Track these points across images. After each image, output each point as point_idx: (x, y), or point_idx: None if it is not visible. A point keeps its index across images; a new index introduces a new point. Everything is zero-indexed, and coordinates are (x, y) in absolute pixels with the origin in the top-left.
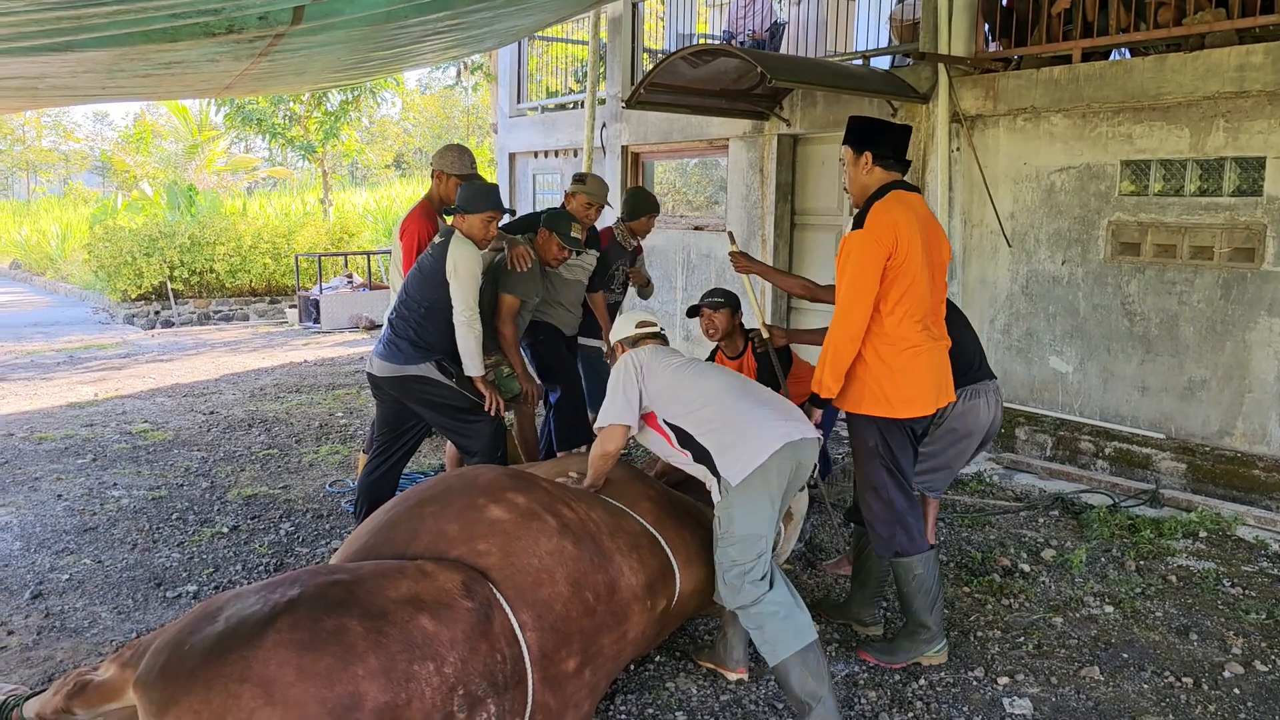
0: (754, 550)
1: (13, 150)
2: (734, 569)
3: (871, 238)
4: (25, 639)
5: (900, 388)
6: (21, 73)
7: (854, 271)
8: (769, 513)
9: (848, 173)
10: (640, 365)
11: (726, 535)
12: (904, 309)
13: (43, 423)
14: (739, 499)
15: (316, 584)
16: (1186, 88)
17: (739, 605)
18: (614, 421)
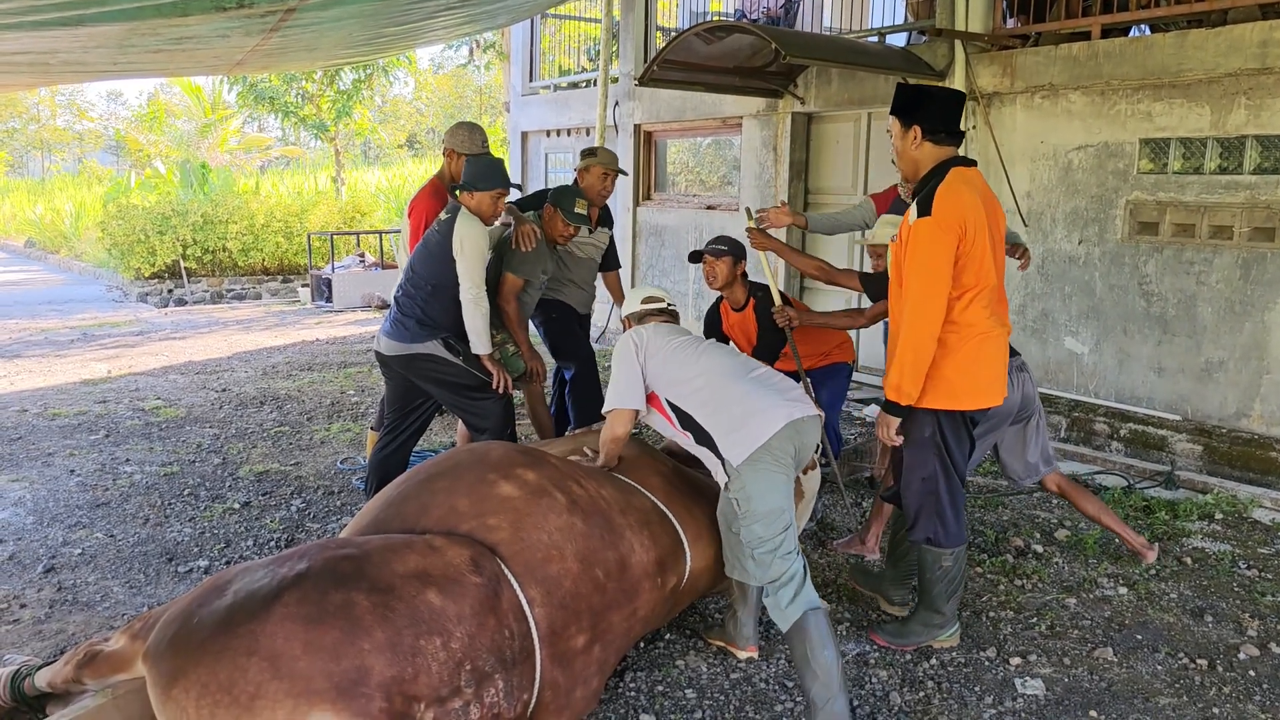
0: (779, 524)
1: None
2: (763, 545)
3: (942, 226)
4: (38, 612)
5: (967, 377)
6: (33, 48)
7: (927, 263)
8: (785, 486)
9: (895, 146)
10: (639, 344)
11: (748, 514)
12: (972, 294)
13: (56, 399)
14: (750, 477)
15: (324, 558)
16: (1208, 64)
17: (770, 579)
18: (619, 405)
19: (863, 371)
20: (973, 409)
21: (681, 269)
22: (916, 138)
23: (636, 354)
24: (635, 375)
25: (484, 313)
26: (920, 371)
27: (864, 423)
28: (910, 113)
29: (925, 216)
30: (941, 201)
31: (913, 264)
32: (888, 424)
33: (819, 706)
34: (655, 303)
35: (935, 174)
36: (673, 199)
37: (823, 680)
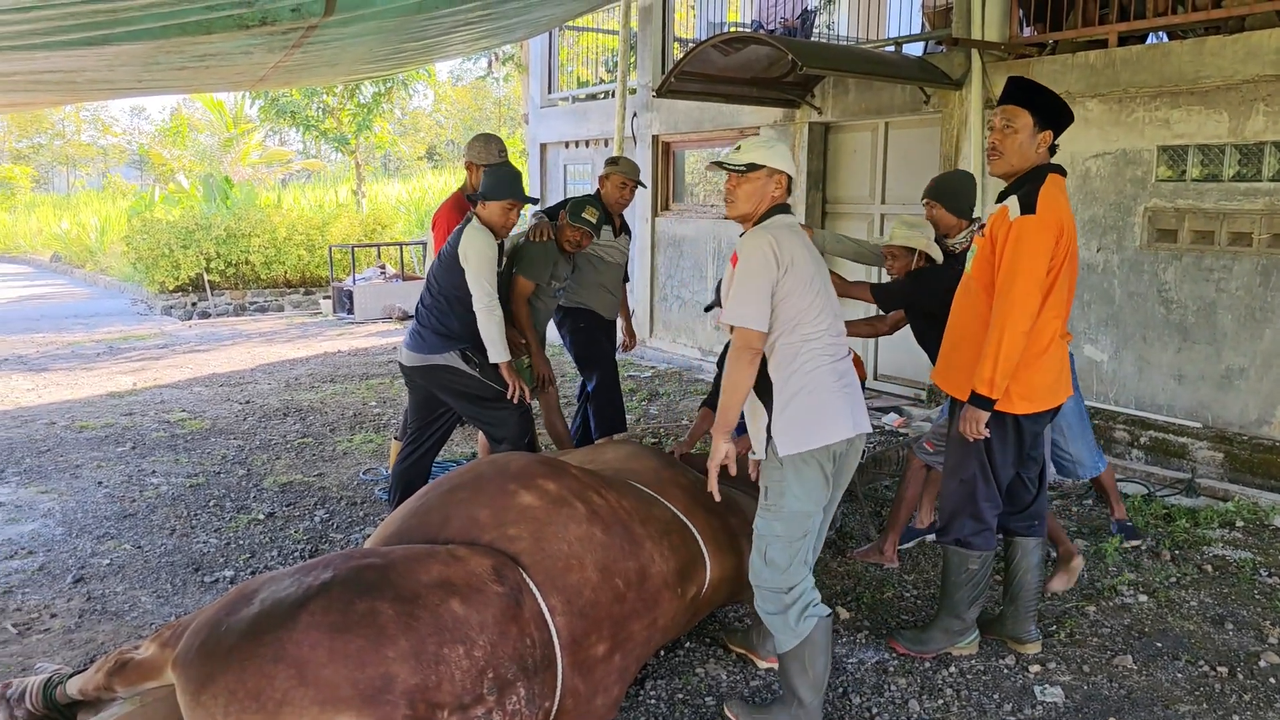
0: (801, 528)
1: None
2: (778, 545)
3: (1044, 226)
4: (68, 621)
5: (1023, 383)
6: (61, 66)
7: (1029, 261)
8: (823, 492)
9: (1015, 139)
10: (785, 259)
11: (773, 508)
12: (1053, 304)
13: (83, 411)
14: (793, 472)
15: (349, 568)
16: (1226, 71)
17: (786, 586)
18: (750, 325)
19: (881, 380)
20: (1021, 414)
21: (699, 279)
22: (1045, 142)
23: (777, 271)
24: (768, 291)
25: (498, 321)
26: (1011, 365)
27: (882, 430)
28: (1052, 117)
29: (1029, 214)
30: (1046, 203)
31: (1013, 259)
32: (976, 419)
33: (803, 704)
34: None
35: (1034, 175)
36: (691, 209)
37: (813, 682)
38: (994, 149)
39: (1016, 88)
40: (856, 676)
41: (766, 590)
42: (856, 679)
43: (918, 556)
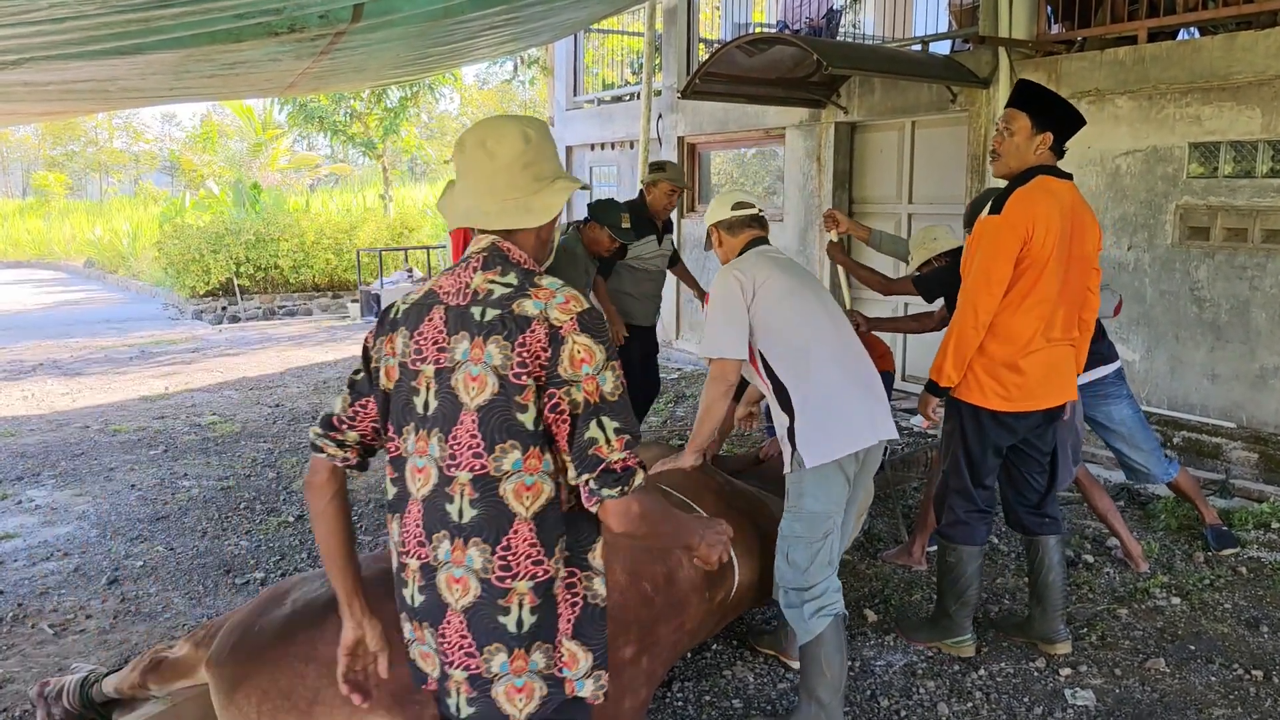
0: (822, 529)
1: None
2: (800, 546)
3: (1007, 224)
4: (103, 622)
5: (1000, 383)
6: (94, 75)
7: (986, 258)
8: (843, 493)
9: (1012, 141)
10: (746, 283)
11: (795, 509)
12: (1026, 305)
13: (116, 415)
14: (811, 476)
15: (379, 569)
16: (1258, 66)
17: (805, 585)
18: (725, 354)
19: (909, 380)
20: (998, 410)
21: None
22: (1044, 144)
23: (744, 298)
24: (741, 319)
25: None
26: (962, 358)
27: (911, 432)
28: (1049, 119)
29: (995, 214)
30: (1015, 204)
31: (969, 256)
32: (926, 402)
33: (822, 704)
34: (746, 208)
35: (1023, 177)
36: None
37: (830, 683)
38: (994, 152)
39: (1019, 91)
40: (884, 679)
41: (788, 588)
42: (884, 681)
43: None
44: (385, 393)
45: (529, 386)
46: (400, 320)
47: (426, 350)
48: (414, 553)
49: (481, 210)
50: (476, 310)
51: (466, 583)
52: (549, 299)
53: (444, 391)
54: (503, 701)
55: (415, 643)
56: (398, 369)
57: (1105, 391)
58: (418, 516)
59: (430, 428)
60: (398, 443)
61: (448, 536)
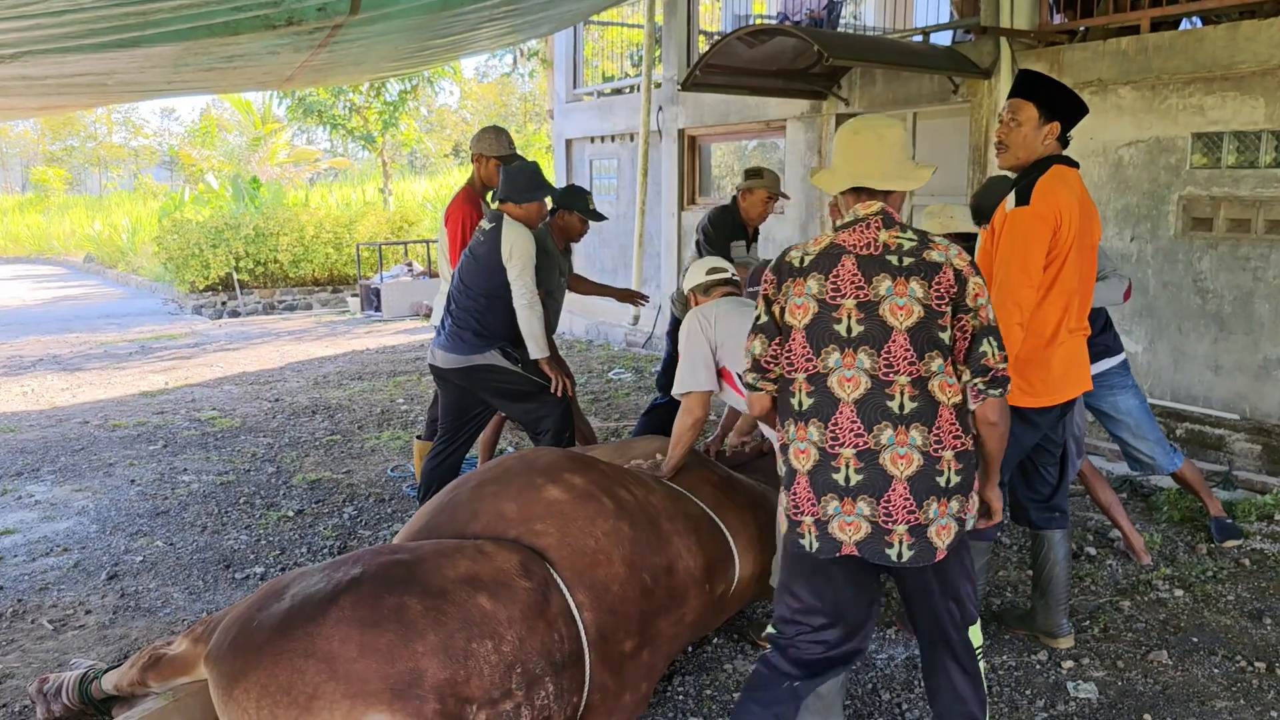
0: None
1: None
2: None
3: (1038, 215)
4: (102, 618)
5: (1024, 377)
6: (92, 69)
7: (1021, 251)
8: None
9: (1020, 132)
10: (707, 321)
11: None
12: (1051, 298)
13: (116, 410)
14: None
15: (378, 563)
16: (1261, 56)
17: None
18: (692, 388)
19: None
20: (1025, 407)
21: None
22: (1052, 133)
23: (705, 331)
24: (705, 354)
25: (539, 316)
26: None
27: None
28: (1056, 108)
29: (1023, 205)
30: (1042, 193)
31: (1006, 251)
32: None
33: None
34: (720, 273)
35: (1038, 167)
36: (717, 203)
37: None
38: (1000, 143)
39: (1022, 81)
40: (886, 673)
41: None
42: (886, 675)
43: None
44: (790, 326)
45: (946, 313)
46: (809, 268)
47: (845, 288)
48: (850, 443)
49: (881, 173)
50: (893, 258)
51: (910, 457)
52: (947, 251)
53: (870, 318)
54: (934, 538)
55: (838, 517)
56: (814, 304)
57: (1111, 383)
58: (852, 415)
59: (856, 346)
60: (815, 362)
61: (890, 425)
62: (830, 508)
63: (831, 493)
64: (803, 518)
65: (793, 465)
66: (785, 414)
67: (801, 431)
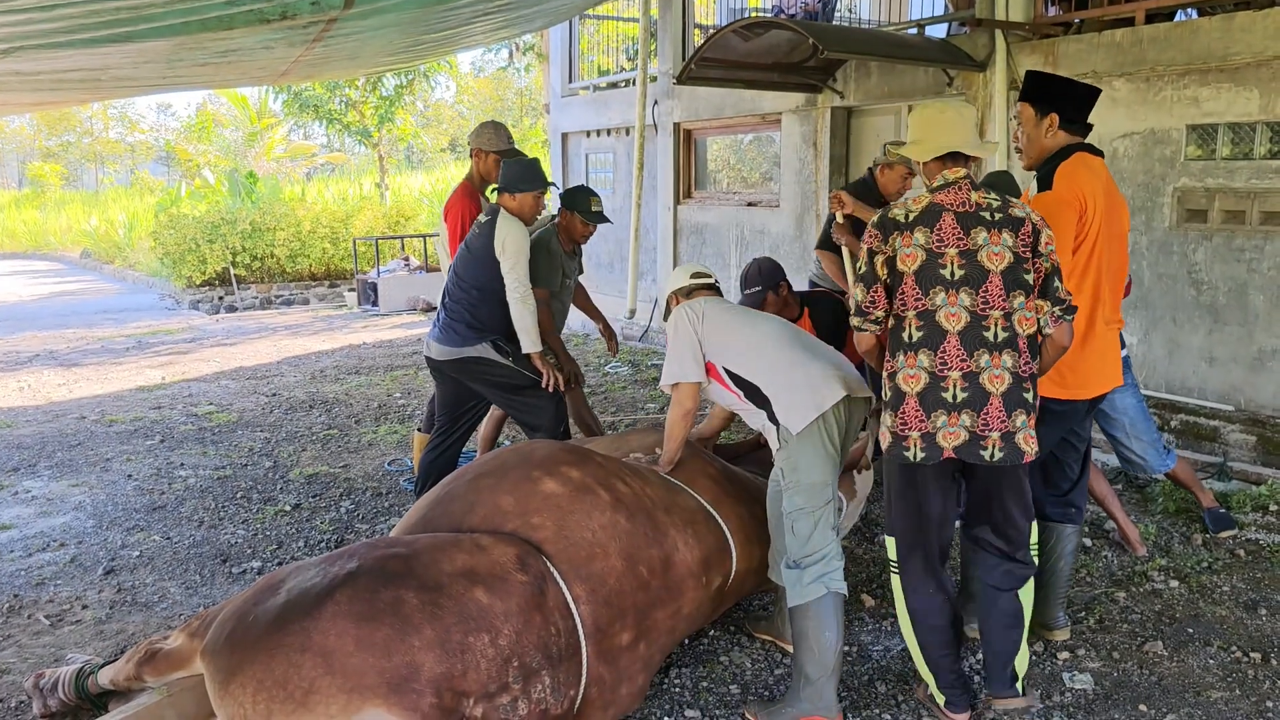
0: (822, 497)
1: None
2: (803, 517)
3: (1061, 199)
4: (99, 613)
5: (1058, 370)
6: (85, 65)
7: None
8: (834, 459)
9: (1025, 132)
10: (695, 315)
11: (793, 485)
12: (1083, 288)
13: (113, 406)
14: (801, 447)
15: (374, 557)
16: (1256, 47)
17: (806, 554)
18: (681, 380)
19: None
20: (1056, 399)
21: (723, 268)
22: (1052, 125)
23: (693, 325)
24: (694, 347)
25: (531, 310)
26: None
27: None
28: (1048, 100)
29: (1046, 190)
30: (1063, 178)
31: None
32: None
33: (810, 680)
34: (703, 278)
35: (1058, 156)
36: (713, 197)
37: (819, 659)
38: (1017, 149)
39: (1023, 84)
40: (882, 664)
41: (791, 558)
42: (882, 666)
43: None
44: (901, 273)
45: (1029, 258)
46: (914, 222)
47: (948, 239)
48: (956, 367)
49: (968, 143)
50: (985, 214)
51: (1004, 377)
52: (1024, 208)
53: (970, 264)
54: (1021, 444)
55: (944, 429)
56: (922, 253)
57: None
58: (956, 343)
59: (959, 287)
60: (924, 301)
61: (986, 352)
62: (939, 421)
63: (940, 409)
64: (910, 433)
65: (901, 389)
66: (895, 346)
67: (911, 360)
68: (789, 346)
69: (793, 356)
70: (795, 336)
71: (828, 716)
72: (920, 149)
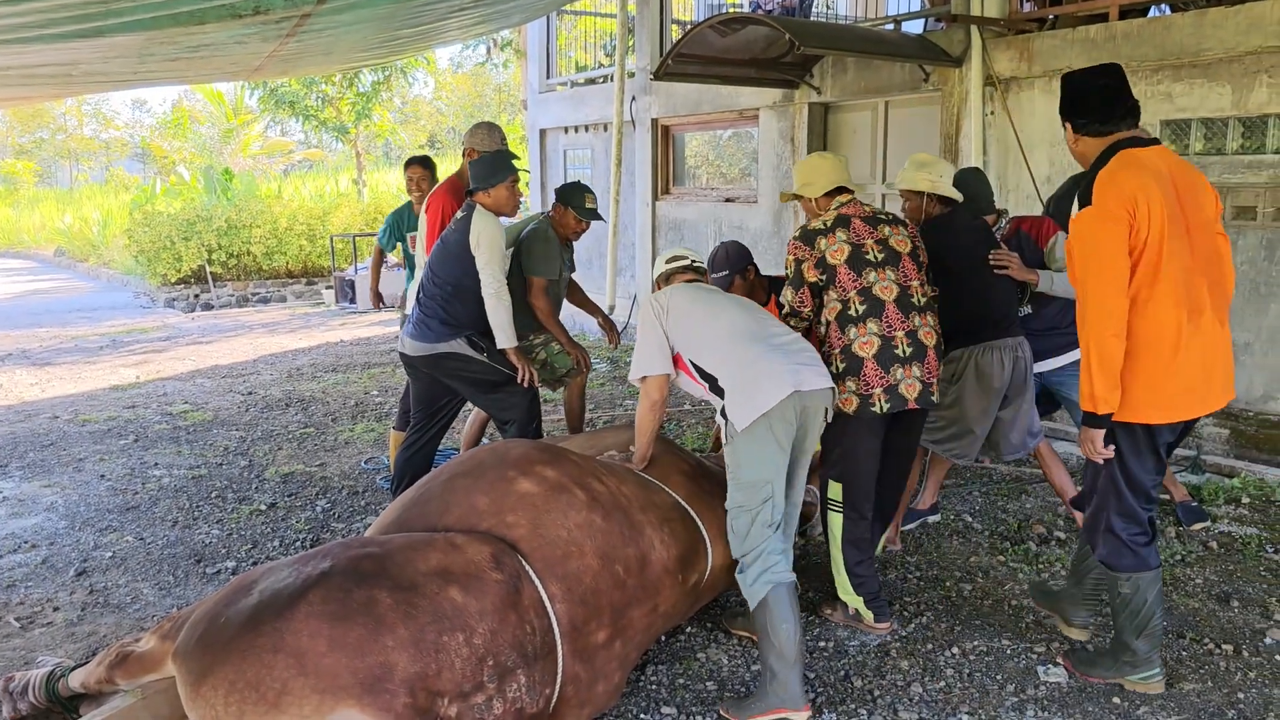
0: (760, 496)
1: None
2: (741, 514)
3: (1102, 214)
4: (70, 615)
5: (1149, 388)
6: (55, 60)
7: (1095, 256)
8: (776, 459)
9: (1070, 149)
10: (660, 307)
11: (734, 480)
12: (1158, 296)
13: (86, 405)
14: (744, 443)
15: (348, 557)
16: (1228, 43)
17: (744, 551)
18: (648, 372)
19: None
20: (1155, 423)
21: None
22: (1071, 135)
23: (658, 318)
24: (659, 339)
25: (506, 306)
26: (1112, 375)
27: None
28: (1065, 109)
29: (1086, 207)
30: (1101, 187)
31: (1080, 262)
32: (1091, 439)
33: (774, 675)
34: (680, 261)
35: (1099, 162)
36: (691, 193)
37: (779, 651)
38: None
39: None
40: (858, 659)
41: (733, 552)
42: (858, 662)
43: (920, 538)
44: (833, 266)
45: (922, 247)
46: (833, 227)
47: (862, 234)
48: (899, 327)
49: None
50: (881, 215)
51: (932, 334)
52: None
53: (885, 249)
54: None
55: (902, 381)
56: (847, 246)
57: None
58: (894, 309)
59: (882, 266)
60: (860, 281)
61: (917, 314)
62: (897, 374)
63: (896, 363)
64: (873, 390)
65: (858, 355)
66: (844, 322)
67: (862, 329)
68: (746, 341)
69: (747, 353)
70: (758, 327)
71: (794, 708)
72: (813, 189)
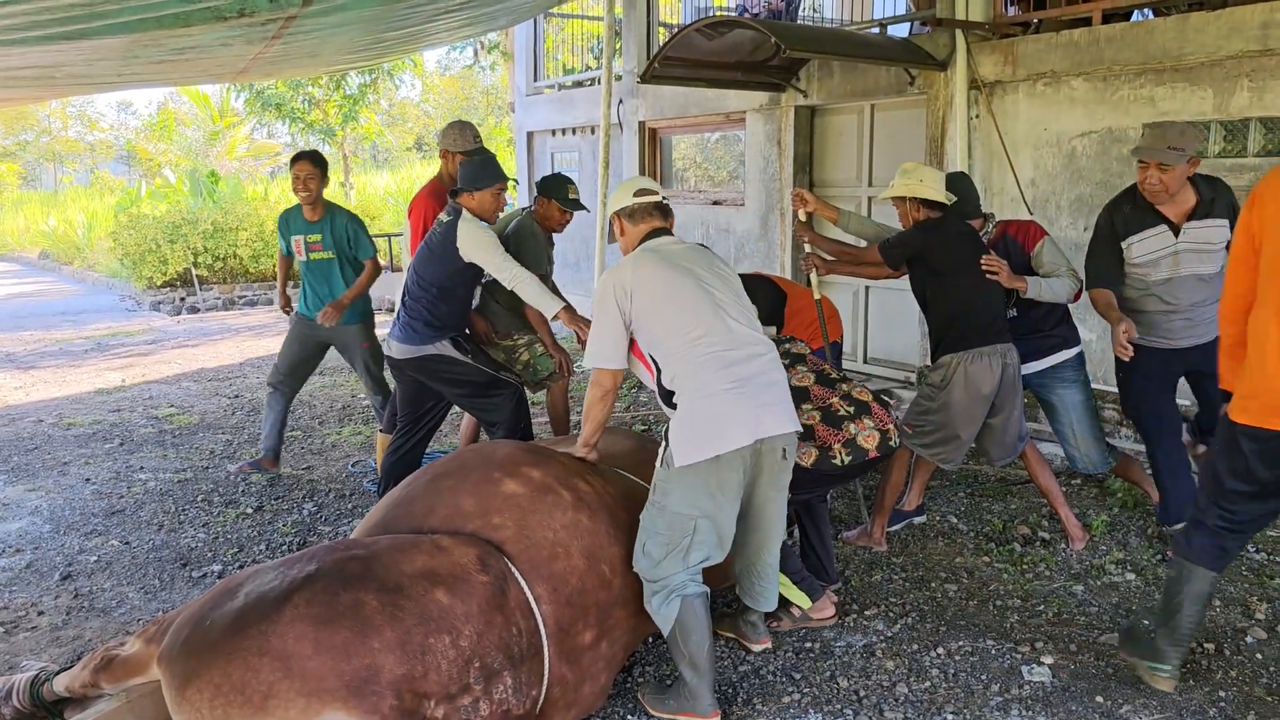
0: (683, 530)
1: (39, 141)
2: (656, 539)
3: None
4: (55, 619)
5: (1244, 386)
6: (38, 62)
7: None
8: (713, 500)
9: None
10: (625, 290)
11: (659, 505)
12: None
13: (71, 409)
14: (678, 478)
15: (333, 559)
16: (1209, 47)
17: (653, 578)
18: (599, 365)
19: (871, 363)
20: (1246, 424)
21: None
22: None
23: (619, 300)
24: (618, 327)
25: (529, 278)
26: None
27: None
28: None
29: None
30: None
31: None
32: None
33: (685, 682)
34: (649, 196)
35: None
36: (679, 195)
37: (690, 660)
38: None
39: None
40: (844, 660)
41: (642, 576)
42: (844, 662)
43: (906, 539)
44: None
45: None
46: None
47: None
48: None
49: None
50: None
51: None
52: None
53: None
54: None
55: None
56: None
57: (1063, 376)
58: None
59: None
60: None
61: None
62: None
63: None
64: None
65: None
66: None
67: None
68: (714, 367)
69: (712, 382)
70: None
71: (703, 715)
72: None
